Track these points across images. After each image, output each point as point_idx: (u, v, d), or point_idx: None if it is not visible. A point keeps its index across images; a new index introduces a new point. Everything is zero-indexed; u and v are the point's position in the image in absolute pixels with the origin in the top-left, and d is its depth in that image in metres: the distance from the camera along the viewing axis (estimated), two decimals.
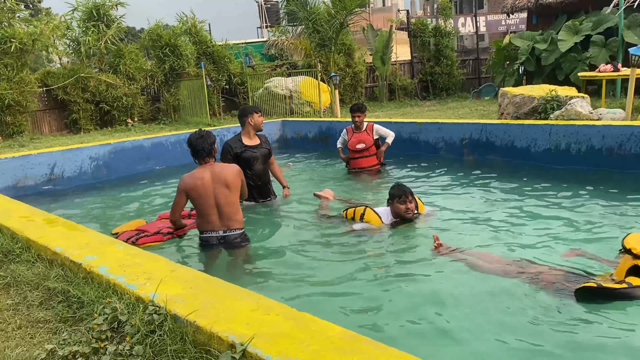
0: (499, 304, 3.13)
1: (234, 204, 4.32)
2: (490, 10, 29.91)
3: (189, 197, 4.29)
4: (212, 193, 4.21)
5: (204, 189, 4.20)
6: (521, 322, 2.90)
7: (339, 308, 3.22)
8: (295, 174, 7.95)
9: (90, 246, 3.34)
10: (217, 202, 4.24)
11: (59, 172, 7.95)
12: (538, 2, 15.59)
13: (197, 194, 4.22)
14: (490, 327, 2.88)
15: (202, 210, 4.28)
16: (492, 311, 3.07)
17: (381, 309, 3.20)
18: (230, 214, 4.28)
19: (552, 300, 3.11)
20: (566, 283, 3.23)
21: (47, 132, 15.22)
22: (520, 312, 3.01)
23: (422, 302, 3.22)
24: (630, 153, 6.33)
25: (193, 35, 16.85)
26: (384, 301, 3.30)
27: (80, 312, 2.72)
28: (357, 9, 14.97)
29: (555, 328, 2.81)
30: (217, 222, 4.27)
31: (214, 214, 4.26)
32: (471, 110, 13.20)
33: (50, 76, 14.88)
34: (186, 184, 4.25)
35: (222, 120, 15.97)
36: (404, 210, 4.59)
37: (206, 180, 4.21)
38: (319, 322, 2.10)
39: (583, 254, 3.80)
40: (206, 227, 4.31)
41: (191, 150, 4.34)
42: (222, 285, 2.59)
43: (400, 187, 4.69)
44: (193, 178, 4.25)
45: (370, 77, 19.95)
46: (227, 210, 4.26)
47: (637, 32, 12.67)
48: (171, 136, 9.41)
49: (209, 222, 4.28)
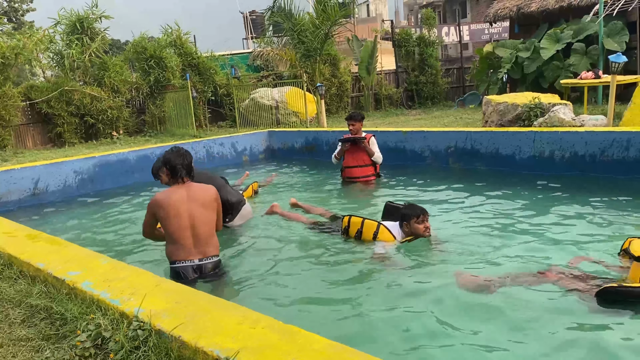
0: (515, 312, 3.10)
1: (210, 225, 3.94)
2: (473, 20, 30.28)
3: (158, 217, 3.88)
4: (187, 211, 3.82)
5: (176, 207, 3.81)
6: (544, 328, 2.90)
7: (327, 320, 3.21)
8: (278, 182, 7.95)
9: (73, 261, 3.29)
10: (192, 223, 3.83)
11: (43, 187, 7.86)
12: (520, 11, 15.81)
13: (166, 212, 3.80)
14: (501, 336, 2.87)
15: (174, 233, 3.83)
16: (501, 320, 3.05)
17: (369, 321, 3.18)
18: (207, 237, 3.90)
19: (576, 304, 3.12)
20: (586, 287, 3.23)
21: (31, 146, 15.06)
22: (541, 319, 3.00)
23: (415, 314, 3.20)
24: (613, 159, 6.42)
25: (178, 47, 16.83)
26: (372, 313, 3.28)
27: (63, 329, 2.68)
28: (342, 20, 15.10)
29: (581, 332, 2.83)
30: (191, 247, 3.84)
31: (188, 237, 3.83)
32: (456, 119, 13.30)
33: (34, 90, 14.75)
34: (157, 201, 3.86)
35: (209, 131, 15.92)
36: (423, 230, 4.44)
37: (180, 197, 3.85)
38: (306, 335, 2.09)
39: (588, 260, 3.83)
40: (179, 255, 3.84)
41: (168, 169, 3.97)
42: (207, 299, 2.57)
43: (415, 207, 4.53)
44: (165, 195, 3.88)
45: (356, 86, 20.04)
46: (202, 232, 3.86)
47: (616, 39, 12.89)
48: (156, 148, 9.36)
49: (183, 248, 3.83)
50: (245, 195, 6.64)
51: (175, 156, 3.95)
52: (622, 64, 8.20)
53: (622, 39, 12.88)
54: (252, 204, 6.39)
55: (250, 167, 9.91)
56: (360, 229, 4.59)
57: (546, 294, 3.30)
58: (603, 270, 3.59)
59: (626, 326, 2.86)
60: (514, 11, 15.98)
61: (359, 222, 4.63)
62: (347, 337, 2.88)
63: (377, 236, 4.49)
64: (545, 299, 3.23)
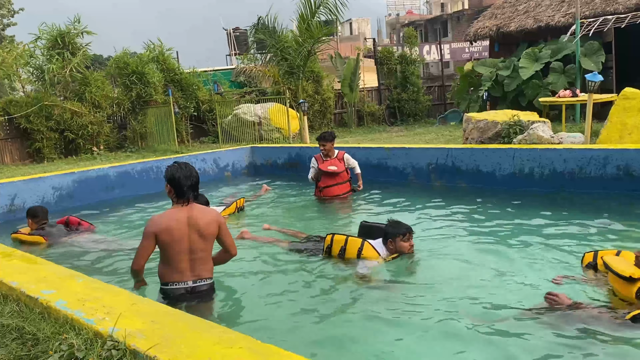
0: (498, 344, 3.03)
1: (208, 251, 3.80)
2: (454, 39, 30.75)
3: (158, 242, 3.67)
4: (187, 236, 3.66)
5: (179, 231, 3.63)
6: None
7: (307, 340, 3.17)
8: (268, 198, 7.92)
9: (47, 280, 3.21)
10: (191, 247, 3.68)
11: (20, 203, 7.71)
12: (499, 31, 16.12)
13: (170, 237, 3.62)
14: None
15: (171, 257, 3.68)
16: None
17: (351, 342, 3.15)
18: (203, 260, 3.75)
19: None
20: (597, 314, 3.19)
21: (9, 162, 14.83)
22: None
23: (397, 336, 3.17)
24: (590, 175, 6.51)
25: (160, 62, 16.80)
26: (353, 334, 3.25)
27: (35, 349, 2.60)
28: (324, 38, 15.20)
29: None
30: (187, 270, 3.70)
31: (185, 260, 3.68)
32: (437, 136, 13.43)
33: (13, 104, 14.58)
34: (158, 225, 3.64)
35: (191, 147, 15.85)
36: (408, 247, 4.44)
37: (182, 222, 3.66)
38: (284, 355, 2.05)
39: (572, 277, 3.84)
40: (173, 277, 3.70)
41: (174, 187, 3.71)
42: (183, 318, 2.52)
43: (401, 225, 4.51)
44: (167, 218, 3.68)
45: (339, 103, 20.16)
46: (199, 257, 3.72)
47: (593, 59, 13.19)
48: (137, 164, 9.27)
49: (179, 272, 3.68)
50: (226, 212, 6.57)
51: (183, 176, 3.69)
52: (599, 83, 8.37)
53: (598, 58, 13.19)
54: (235, 224, 6.32)
55: (232, 183, 9.86)
56: (344, 246, 4.52)
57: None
58: (592, 290, 3.61)
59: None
60: (493, 30, 16.29)
61: (343, 240, 4.56)
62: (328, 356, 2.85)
63: (362, 253, 4.43)
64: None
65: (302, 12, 14.69)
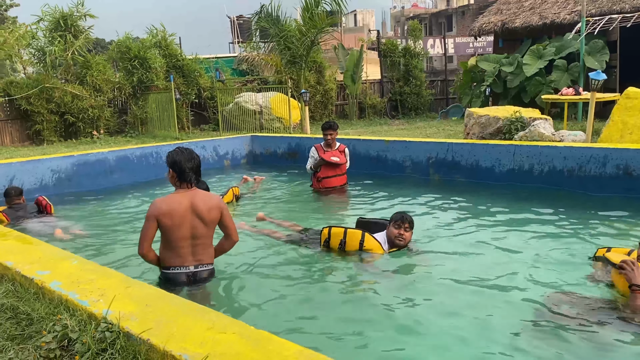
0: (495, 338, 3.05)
1: (210, 237, 3.81)
2: (459, 33, 30.64)
3: (160, 226, 3.66)
4: (189, 222, 3.67)
5: (180, 216, 3.64)
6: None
7: (301, 326, 3.17)
8: (266, 188, 7.90)
9: (42, 261, 3.21)
10: (193, 233, 3.70)
11: (17, 184, 7.66)
12: (504, 27, 16.03)
13: (171, 221, 3.62)
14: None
15: (172, 242, 3.69)
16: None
17: (343, 328, 3.16)
18: (205, 246, 3.78)
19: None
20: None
21: (9, 143, 14.81)
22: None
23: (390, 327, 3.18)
24: (590, 174, 6.50)
25: (163, 48, 16.73)
26: (347, 320, 3.26)
27: (29, 329, 2.61)
28: (328, 28, 15.12)
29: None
30: (188, 255, 3.73)
31: (187, 246, 3.71)
32: (438, 130, 13.40)
33: (14, 86, 14.52)
34: (159, 209, 3.63)
35: (191, 134, 15.83)
36: (395, 234, 4.39)
37: (184, 207, 3.66)
38: (277, 341, 2.06)
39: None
40: (174, 261, 3.73)
41: (176, 171, 3.73)
42: (177, 303, 2.52)
43: (400, 213, 4.50)
44: (169, 203, 3.67)
45: (340, 95, 20.10)
46: (201, 242, 3.75)
47: (597, 57, 13.13)
48: (137, 149, 9.25)
49: (179, 256, 3.72)
50: (226, 199, 6.56)
51: (184, 159, 3.72)
52: (602, 82, 8.35)
53: (602, 57, 13.13)
54: (232, 211, 6.30)
55: (231, 171, 9.85)
56: (344, 239, 4.44)
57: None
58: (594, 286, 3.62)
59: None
60: (498, 26, 16.20)
61: (341, 233, 4.47)
62: (324, 345, 2.86)
63: (364, 245, 4.37)
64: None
65: (307, 1, 14.60)
